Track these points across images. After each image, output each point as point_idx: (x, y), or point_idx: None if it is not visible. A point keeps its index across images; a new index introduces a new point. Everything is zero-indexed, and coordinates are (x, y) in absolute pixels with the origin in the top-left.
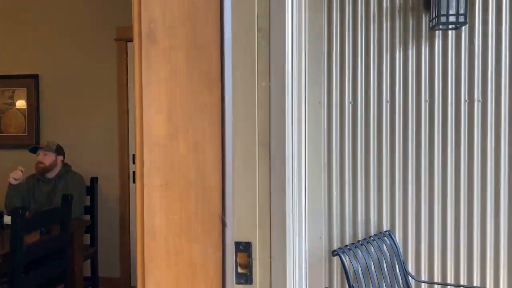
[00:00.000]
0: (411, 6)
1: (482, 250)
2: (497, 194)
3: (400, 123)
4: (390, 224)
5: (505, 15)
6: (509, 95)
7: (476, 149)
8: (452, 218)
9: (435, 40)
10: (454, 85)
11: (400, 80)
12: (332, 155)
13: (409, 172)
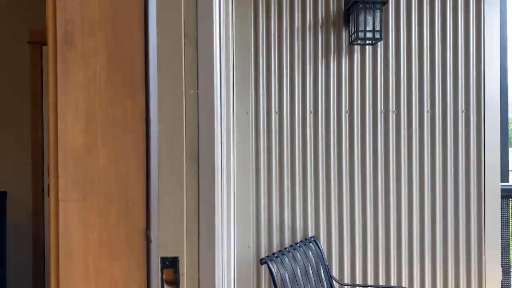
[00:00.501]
0: (332, 22)
1: (398, 253)
2: (410, 198)
3: (323, 133)
4: (315, 230)
5: (415, 33)
6: (419, 106)
7: (391, 157)
8: (371, 223)
9: (354, 54)
10: (371, 97)
11: (322, 91)
12: (260, 164)
13: (331, 180)
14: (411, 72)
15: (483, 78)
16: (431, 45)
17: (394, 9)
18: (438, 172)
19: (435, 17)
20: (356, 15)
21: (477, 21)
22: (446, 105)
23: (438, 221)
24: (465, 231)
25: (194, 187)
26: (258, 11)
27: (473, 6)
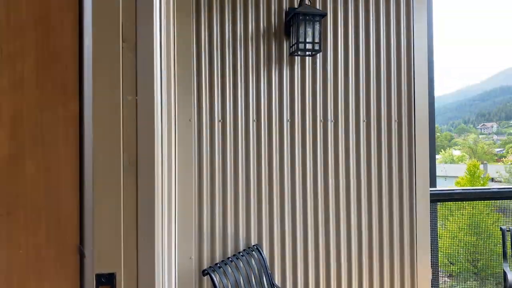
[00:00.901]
0: (273, 32)
1: (337, 258)
2: (348, 203)
3: (266, 141)
4: (258, 238)
5: (351, 46)
6: (355, 115)
7: (330, 164)
8: (312, 230)
9: (295, 65)
10: (311, 106)
11: (265, 100)
12: (202, 173)
13: (274, 188)
14: (348, 83)
15: (413, 90)
16: (367, 58)
17: (332, 23)
18: (373, 178)
19: (370, 32)
20: (296, 27)
21: (407, 38)
22: (381, 115)
23: (374, 225)
24: (399, 234)
25: (132, 197)
26: (200, 19)
27: (403, 25)
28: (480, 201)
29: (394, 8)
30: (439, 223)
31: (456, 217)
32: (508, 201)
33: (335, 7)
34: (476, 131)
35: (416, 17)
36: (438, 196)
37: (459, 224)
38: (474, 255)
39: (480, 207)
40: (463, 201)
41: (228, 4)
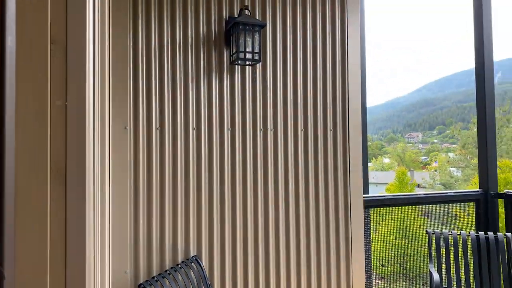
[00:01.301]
0: (214, 40)
1: (276, 269)
2: (287, 211)
3: (206, 150)
4: (197, 249)
5: (289, 57)
6: (293, 125)
7: (270, 172)
8: (252, 239)
9: (235, 74)
10: (251, 115)
11: (205, 108)
12: (139, 183)
13: (214, 197)
14: (286, 93)
15: (347, 101)
16: (304, 69)
17: (271, 34)
18: (311, 186)
19: (307, 44)
20: (236, 36)
21: (342, 52)
22: (317, 124)
23: (312, 232)
24: (335, 240)
25: (60, 210)
26: (137, 24)
27: (338, 39)
28: (408, 206)
29: (330, 22)
30: (372, 228)
31: (387, 222)
32: (433, 206)
33: (274, 19)
34: (404, 140)
35: (350, 32)
36: (371, 202)
37: (389, 229)
38: (403, 257)
39: (408, 212)
40: (394, 206)
41: (167, 11)
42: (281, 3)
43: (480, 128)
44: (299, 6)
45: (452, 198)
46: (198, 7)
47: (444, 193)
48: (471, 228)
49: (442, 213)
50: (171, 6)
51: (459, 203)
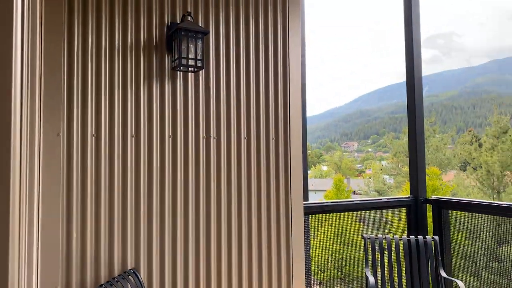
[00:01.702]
0: (155, 45)
1: (217, 277)
2: (229, 221)
3: (145, 158)
4: (135, 261)
5: (233, 65)
6: (236, 132)
7: (212, 181)
8: (192, 251)
9: (177, 80)
10: (194, 123)
11: (145, 115)
12: (72, 192)
13: (153, 207)
14: (230, 101)
15: (288, 110)
16: (247, 78)
17: (215, 41)
18: (253, 194)
19: (250, 53)
20: (178, 42)
21: (283, 61)
22: (260, 133)
23: (254, 239)
24: (276, 247)
25: None
26: (73, 27)
27: (280, 49)
28: (346, 212)
29: (272, 32)
30: (311, 234)
31: (325, 228)
32: (368, 212)
33: (217, 26)
34: (341, 149)
35: (292, 43)
36: (310, 209)
37: (327, 234)
38: (340, 262)
39: (345, 218)
40: (332, 212)
41: (105, 14)
42: (224, 11)
43: (410, 138)
44: (242, 15)
45: (386, 204)
46: (139, 11)
47: (378, 200)
48: (403, 232)
49: (376, 218)
50: (110, 9)
51: (392, 208)
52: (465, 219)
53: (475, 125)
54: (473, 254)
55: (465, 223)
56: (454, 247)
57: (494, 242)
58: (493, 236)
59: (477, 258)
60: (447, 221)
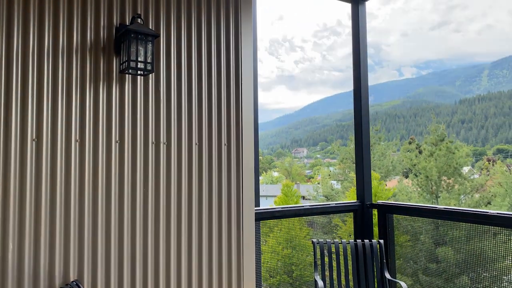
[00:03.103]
0: (102, 47)
1: (167, 283)
2: (179, 227)
3: (90, 164)
4: (78, 273)
5: (184, 70)
6: (188, 138)
7: (162, 187)
8: (141, 258)
9: (125, 83)
10: (142, 127)
11: (90, 119)
12: (9, 199)
13: (98, 214)
14: (181, 106)
15: (241, 117)
16: (199, 83)
17: (165, 44)
18: (204, 201)
19: (202, 58)
20: (127, 44)
21: (235, 66)
22: (212, 139)
23: (204, 246)
24: (227, 254)
25: None
26: (12, 26)
27: (233, 54)
28: (296, 217)
29: (224, 36)
30: (261, 239)
31: (275, 233)
32: (317, 216)
33: (168, 30)
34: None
35: (244, 50)
36: (262, 214)
37: (277, 239)
38: (290, 266)
39: (294, 223)
40: (283, 218)
41: (48, 13)
42: (176, 14)
43: (357, 145)
44: (194, 18)
45: (334, 209)
46: (86, 11)
47: (327, 205)
48: (350, 236)
49: (324, 223)
50: (54, 8)
51: (340, 213)
52: (407, 223)
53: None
54: (414, 256)
55: (407, 226)
56: (398, 250)
57: (432, 244)
58: (432, 238)
59: (417, 260)
60: (391, 224)
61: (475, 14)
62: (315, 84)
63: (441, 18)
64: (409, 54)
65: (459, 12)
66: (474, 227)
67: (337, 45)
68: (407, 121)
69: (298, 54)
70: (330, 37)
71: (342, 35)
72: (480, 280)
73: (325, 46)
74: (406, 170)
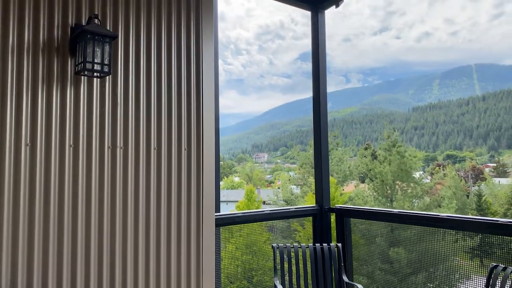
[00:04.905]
0: (56, 47)
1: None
2: (136, 233)
3: (42, 169)
4: (27, 284)
5: (143, 72)
6: (146, 142)
7: (118, 192)
8: (95, 266)
9: (81, 85)
10: (98, 131)
11: (42, 121)
12: None
13: (50, 225)
14: (139, 109)
15: (202, 121)
16: (158, 86)
17: (124, 46)
18: (163, 207)
19: (162, 60)
20: (83, 44)
21: (196, 70)
22: (171, 143)
23: (162, 254)
24: (186, 261)
25: None
26: None
27: (193, 56)
28: (257, 222)
29: (185, 38)
30: (221, 245)
31: (235, 239)
32: (276, 221)
33: (126, 31)
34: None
35: (205, 54)
36: (222, 220)
37: (237, 245)
38: (250, 272)
39: (254, 228)
40: (244, 223)
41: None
42: (135, 16)
43: (316, 150)
44: (154, 21)
45: (294, 213)
46: (38, 9)
47: (287, 209)
48: (309, 241)
49: (284, 227)
50: (3, 3)
51: (299, 217)
52: (363, 226)
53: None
54: (370, 258)
55: (363, 229)
56: (355, 253)
57: (387, 247)
58: (386, 241)
59: (373, 262)
60: (348, 228)
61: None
62: (265, 88)
63: (382, 24)
64: (353, 60)
65: (397, 18)
66: (426, 229)
67: (283, 49)
68: (363, 127)
69: (245, 58)
70: (275, 40)
71: (286, 39)
72: (432, 279)
73: (271, 50)
74: (362, 175)
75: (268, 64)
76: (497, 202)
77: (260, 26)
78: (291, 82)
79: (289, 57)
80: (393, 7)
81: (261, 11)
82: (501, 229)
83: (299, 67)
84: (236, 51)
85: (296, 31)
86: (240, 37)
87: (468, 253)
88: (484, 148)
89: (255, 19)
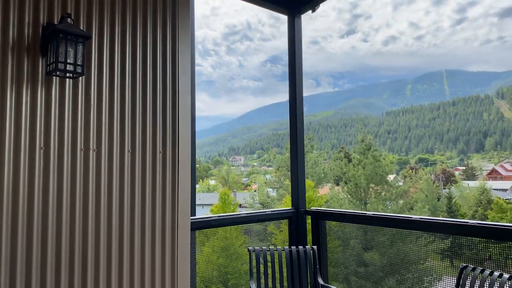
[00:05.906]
0: (26, 46)
1: None
2: (109, 237)
3: (11, 172)
4: None
5: (117, 74)
6: (120, 145)
7: (91, 196)
8: (66, 276)
9: (52, 86)
10: (71, 133)
11: (11, 123)
12: None
13: (18, 231)
14: (113, 111)
15: (177, 124)
16: (133, 88)
17: (98, 47)
18: (137, 208)
19: (137, 63)
20: (56, 44)
21: (172, 73)
22: (146, 146)
23: (136, 258)
24: (161, 267)
25: None
26: None
27: (169, 57)
28: (233, 225)
29: (161, 41)
30: (197, 249)
31: (211, 242)
32: (252, 224)
33: (101, 32)
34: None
35: (181, 56)
36: (198, 224)
37: (213, 248)
38: (225, 275)
39: (230, 231)
40: (220, 227)
41: None
42: (109, 16)
43: (292, 153)
44: (129, 19)
45: (270, 216)
46: (8, 6)
47: (263, 212)
48: (285, 243)
49: (260, 230)
50: None
51: (276, 220)
52: (338, 228)
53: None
54: (345, 260)
55: (338, 232)
56: (330, 255)
57: (361, 249)
58: (360, 243)
59: (348, 264)
60: (323, 231)
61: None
62: (236, 91)
63: (348, 27)
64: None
65: (363, 21)
66: (399, 231)
67: (251, 50)
68: (338, 131)
69: (214, 59)
70: (243, 41)
71: (254, 40)
72: (404, 281)
73: (239, 51)
74: (337, 177)
75: (238, 66)
76: (466, 204)
77: (227, 25)
78: (262, 85)
79: (258, 59)
80: (358, 10)
81: (227, 9)
82: (470, 230)
83: (269, 69)
84: (204, 52)
85: (263, 32)
86: (207, 37)
87: (439, 254)
88: (454, 151)
89: (220, 18)
